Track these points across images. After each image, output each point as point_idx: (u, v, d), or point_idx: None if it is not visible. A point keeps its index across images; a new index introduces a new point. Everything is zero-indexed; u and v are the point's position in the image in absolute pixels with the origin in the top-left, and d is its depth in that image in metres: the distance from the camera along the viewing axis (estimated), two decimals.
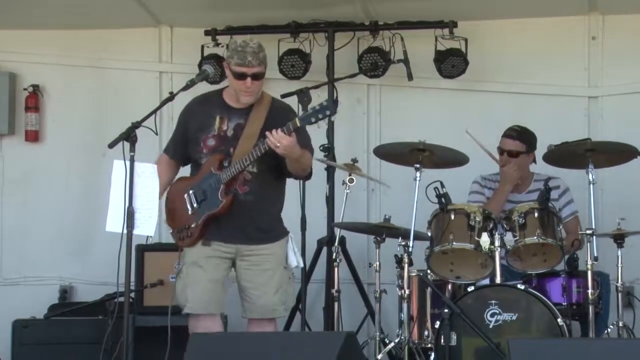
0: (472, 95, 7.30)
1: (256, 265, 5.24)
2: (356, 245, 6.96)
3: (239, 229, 5.23)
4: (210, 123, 5.29)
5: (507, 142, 6.40)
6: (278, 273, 5.26)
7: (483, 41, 7.17)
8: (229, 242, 5.25)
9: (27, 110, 7.57)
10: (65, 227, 7.51)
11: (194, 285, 5.24)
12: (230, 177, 5.17)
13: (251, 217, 5.23)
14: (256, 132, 5.18)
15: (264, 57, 5.26)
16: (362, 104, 7.45)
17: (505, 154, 6.37)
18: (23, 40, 7.59)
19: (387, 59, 7.08)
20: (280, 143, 5.03)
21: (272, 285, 5.23)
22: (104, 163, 6.58)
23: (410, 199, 5.71)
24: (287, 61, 7.20)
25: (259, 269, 5.24)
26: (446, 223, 5.75)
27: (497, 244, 5.69)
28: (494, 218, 5.81)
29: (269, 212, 5.30)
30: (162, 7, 7.25)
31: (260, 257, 5.24)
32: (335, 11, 7.08)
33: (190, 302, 5.26)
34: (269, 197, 5.30)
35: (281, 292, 5.26)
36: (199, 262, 5.25)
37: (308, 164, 5.31)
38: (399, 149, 5.98)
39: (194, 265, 5.26)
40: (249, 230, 5.24)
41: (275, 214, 5.36)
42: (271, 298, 5.23)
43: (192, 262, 5.27)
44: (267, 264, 5.24)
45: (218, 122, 5.29)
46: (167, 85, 7.47)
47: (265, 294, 5.23)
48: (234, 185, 5.19)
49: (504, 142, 6.42)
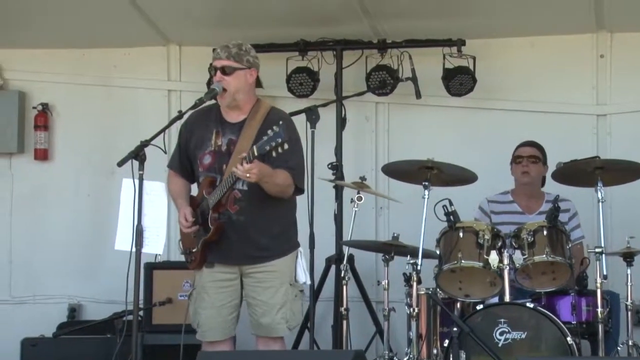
0: (480, 113, 7.30)
1: (260, 282, 5.20)
2: (365, 263, 6.94)
3: (237, 250, 5.18)
4: (208, 138, 5.24)
5: (525, 149, 6.43)
6: (282, 290, 5.20)
7: (491, 59, 7.17)
8: (230, 263, 5.22)
9: (37, 129, 7.59)
10: (74, 246, 7.51)
11: (202, 311, 5.25)
12: (215, 202, 5.13)
13: (247, 237, 5.16)
14: (246, 149, 5.06)
15: (238, 54, 5.14)
16: (370, 122, 7.46)
17: (525, 160, 6.37)
18: (32, 59, 7.63)
19: (395, 76, 7.08)
20: (251, 173, 4.90)
21: (274, 303, 5.18)
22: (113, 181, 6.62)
23: (418, 217, 5.70)
24: (295, 79, 7.21)
25: (262, 286, 5.19)
26: (455, 241, 5.73)
27: (506, 262, 5.67)
28: (503, 236, 5.79)
29: (267, 229, 5.20)
30: (171, 25, 7.28)
31: (264, 274, 5.20)
32: (344, 29, 7.10)
33: (200, 329, 5.27)
34: (264, 214, 5.18)
35: (285, 310, 5.20)
36: (205, 287, 5.24)
37: (282, 184, 5.10)
38: (407, 166, 5.98)
39: (202, 290, 5.26)
40: (248, 250, 5.18)
41: (278, 229, 5.24)
42: (274, 316, 5.18)
43: (200, 287, 5.27)
44: (270, 281, 5.19)
45: (214, 136, 5.24)
46: (176, 103, 7.48)
47: (268, 312, 5.18)
48: (224, 207, 5.14)
49: (521, 150, 6.44)
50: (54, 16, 6.99)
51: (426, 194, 5.71)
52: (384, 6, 6.81)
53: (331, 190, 6.83)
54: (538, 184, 6.46)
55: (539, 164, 6.41)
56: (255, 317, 5.22)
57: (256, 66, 5.25)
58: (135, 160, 4.95)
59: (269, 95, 7.17)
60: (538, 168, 6.41)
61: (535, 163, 6.40)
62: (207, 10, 6.96)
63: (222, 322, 5.24)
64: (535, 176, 6.41)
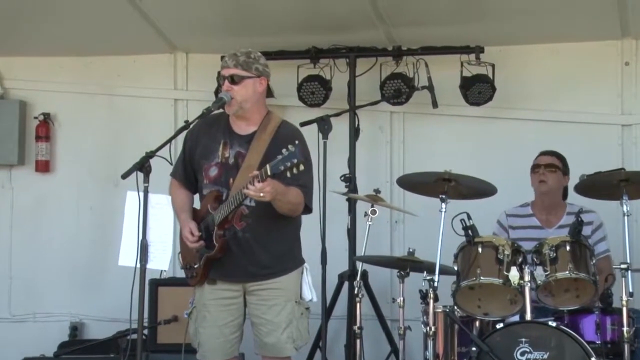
0: (500, 123, 7.29)
1: (264, 300, 5.18)
2: (379, 280, 6.93)
3: (240, 268, 5.16)
4: (214, 149, 5.23)
5: (543, 157, 6.43)
6: (287, 308, 5.18)
7: (511, 67, 7.17)
8: (233, 281, 5.20)
9: (38, 140, 7.62)
10: (76, 261, 7.52)
11: (203, 330, 5.23)
12: (221, 219, 5.12)
13: (251, 255, 5.15)
14: (255, 164, 5.07)
15: (246, 62, 5.15)
16: (384, 132, 7.46)
17: (542, 168, 6.36)
18: (34, 68, 7.66)
19: (410, 85, 7.08)
20: (265, 192, 4.88)
21: (280, 322, 5.16)
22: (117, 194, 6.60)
23: (435, 231, 5.68)
24: (306, 88, 7.22)
25: (267, 304, 5.17)
26: (473, 257, 5.72)
27: (527, 278, 5.65)
28: (524, 252, 5.77)
29: (272, 247, 5.19)
30: (178, 32, 7.30)
31: (268, 291, 5.18)
32: (357, 36, 7.10)
33: (201, 348, 5.26)
34: (270, 231, 5.17)
35: (291, 329, 5.18)
36: (206, 306, 5.23)
37: (294, 202, 5.11)
38: (424, 179, 5.97)
39: (203, 308, 5.24)
40: (251, 268, 5.17)
41: (283, 247, 5.23)
42: (279, 336, 5.15)
43: (202, 305, 5.25)
44: (275, 299, 5.17)
45: (222, 148, 5.24)
46: (183, 113, 7.50)
47: (274, 331, 5.16)
48: (230, 223, 5.13)
49: (539, 159, 6.43)
50: (56, 23, 7.01)
51: (443, 208, 5.70)
52: (399, 12, 6.81)
53: (344, 204, 6.82)
54: (557, 195, 6.43)
55: (557, 174, 6.39)
56: (260, 337, 5.20)
57: (266, 75, 5.24)
58: (140, 172, 4.95)
59: (279, 104, 7.19)
60: (556, 177, 6.39)
61: (553, 172, 6.38)
62: (216, 17, 6.97)
63: (224, 342, 5.22)
64: (553, 186, 6.39)
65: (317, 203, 5.66)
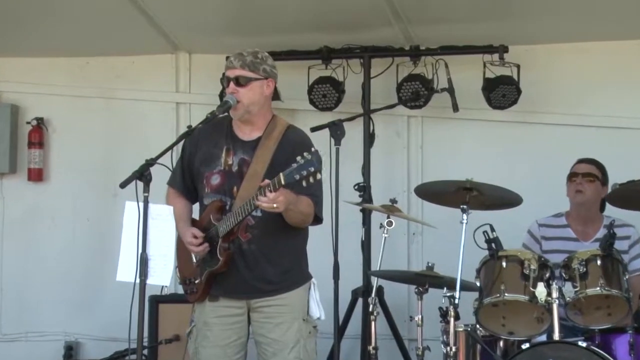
0: (525, 127, 7.29)
1: (270, 318, 5.16)
2: (395, 296, 6.94)
3: (244, 283, 5.15)
4: (217, 155, 5.23)
5: (581, 166, 6.40)
6: (295, 327, 5.16)
7: (537, 67, 7.17)
8: (236, 297, 5.19)
9: (30, 146, 7.65)
10: (71, 276, 7.54)
11: (204, 350, 5.21)
12: (227, 232, 5.11)
13: (257, 268, 5.15)
14: (261, 172, 5.07)
15: (253, 62, 5.13)
16: (401, 138, 7.47)
17: (579, 177, 6.35)
18: (27, 69, 7.69)
19: (429, 87, 7.09)
20: (278, 202, 4.86)
21: (287, 341, 5.14)
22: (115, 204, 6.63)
23: (456, 244, 5.68)
24: (318, 90, 7.23)
25: (273, 322, 5.15)
26: (497, 272, 5.71)
27: (555, 295, 5.64)
28: (552, 266, 5.77)
29: (279, 261, 5.18)
30: (180, 31, 7.32)
31: (273, 308, 5.16)
32: (372, 35, 7.12)
33: None
34: (277, 244, 5.17)
35: (298, 349, 5.15)
36: (208, 324, 5.21)
37: (306, 212, 5.09)
38: (444, 188, 5.97)
39: (204, 326, 5.22)
40: (256, 283, 5.16)
41: (289, 261, 5.22)
42: (286, 356, 5.13)
43: (202, 323, 5.24)
44: (281, 317, 5.16)
45: (224, 154, 5.23)
46: (185, 117, 7.52)
47: (280, 351, 5.13)
48: (234, 235, 5.13)
49: (577, 167, 6.41)
50: (50, 21, 7.05)
51: (465, 219, 5.70)
52: (418, 8, 6.82)
53: (358, 215, 6.83)
54: (595, 207, 6.41)
55: (595, 184, 6.37)
56: (265, 357, 5.19)
57: (274, 76, 5.25)
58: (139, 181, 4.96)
59: (288, 108, 7.20)
60: (595, 188, 6.36)
61: (591, 182, 6.35)
62: (220, 14, 7.00)
63: None
64: (591, 197, 6.37)
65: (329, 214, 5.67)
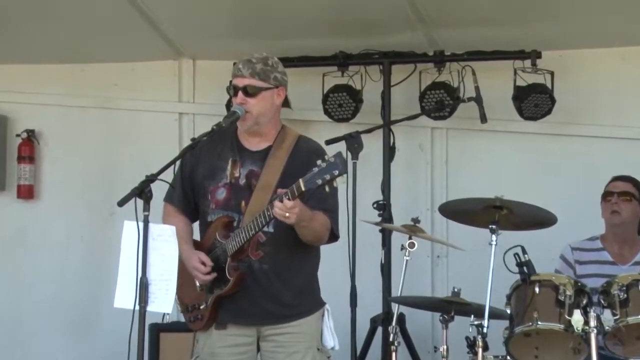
0: (560, 140, 7.28)
1: (282, 347, 5.15)
2: (418, 325, 6.94)
3: (256, 307, 5.14)
4: (221, 168, 5.22)
5: (617, 184, 6.43)
6: (309, 356, 5.15)
7: (573, 75, 7.17)
8: (246, 324, 5.18)
9: (20, 161, 7.66)
10: (64, 302, 7.55)
11: None
12: (237, 249, 5.11)
13: (270, 291, 5.14)
14: (272, 183, 5.07)
15: (263, 70, 5.13)
16: (425, 152, 7.47)
17: (615, 196, 6.36)
18: (16, 77, 7.71)
19: (455, 96, 7.09)
20: (291, 212, 4.85)
21: None
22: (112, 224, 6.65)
23: (484, 267, 5.67)
24: (333, 99, 7.24)
25: (285, 352, 5.14)
26: (529, 298, 5.70)
27: (592, 323, 5.62)
28: (589, 292, 5.76)
29: (293, 281, 5.18)
30: (183, 35, 7.34)
31: (286, 336, 5.15)
32: (392, 39, 7.12)
33: None
34: (292, 262, 5.16)
35: None
36: (215, 355, 5.20)
37: (322, 230, 5.10)
38: (471, 206, 5.96)
39: (210, 357, 5.21)
40: (269, 307, 5.15)
41: (304, 282, 5.22)
42: None
43: (208, 354, 5.23)
44: (294, 346, 5.14)
45: (230, 166, 5.22)
46: (189, 129, 7.54)
47: None
48: (244, 253, 5.13)
49: (612, 185, 6.45)
50: (42, 25, 7.06)
51: (494, 240, 5.69)
52: (442, 10, 6.82)
53: (377, 235, 6.82)
54: (632, 228, 6.44)
55: (633, 203, 6.40)
56: None
57: (285, 84, 5.25)
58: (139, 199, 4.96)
59: (301, 119, 7.22)
60: (632, 208, 6.39)
61: (628, 201, 6.38)
62: (227, 16, 7.01)
63: None
64: (628, 217, 6.39)
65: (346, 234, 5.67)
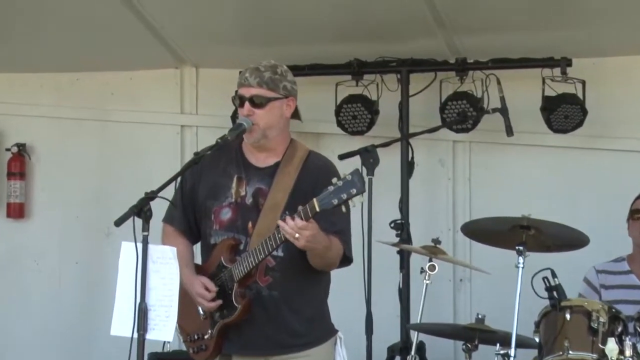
0: (592, 155, 7.27)
1: None
2: (439, 354, 6.91)
3: (264, 336, 5.12)
4: (226, 186, 5.19)
5: None
6: None
7: (606, 84, 7.17)
8: (254, 353, 5.16)
9: (10, 177, 7.68)
10: (57, 329, 7.55)
11: None
12: (244, 274, 5.09)
13: (278, 319, 5.12)
14: (282, 202, 5.05)
15: (272, 79, 5.10)
16: (446, 167, 7.46)
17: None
18: (6, 86, 7.73)
19: (478, 107, 7.08)
20: (301, 234, 4.83)
21: None
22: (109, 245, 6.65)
23: (510, 292, 5.66)
24: (347, 111, 7.23)
25: None
26: (560, 325, 5.69)
27: (628, 353, 5.61)
28: (624, 318, 5.74)
29: (302, 309, 5.16)
30: (186, 42, 7.35)
31: None
32: (411, 46, 7.12)
33: None
34: (302, 289, 5.15)
35: None
36: None
37: (335, 258, 5.07)
38: (496, 225, 5.96)
39: None
40: (279, 336, 5.13)
41: (314, 309, 5.21)
42: None
43: None
44: None
45: (236, 184, 5.20)
46: (191, 143, 7.55)
47: None
48: (252, 279, 5.11)
49: (638, 203, 6.47)
50: (35, 31, 7.08)
51: (521, 262, 5.69)
52: (465, 15, 6.82)
53: (394, 257, 6.81)
54: None
55: None
56: None
57: (295, 94, 5.24)
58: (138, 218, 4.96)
59: (313, 132, 7.22)
60: None
61: None
62: (232, 22, 7.02)
63: None
64: None
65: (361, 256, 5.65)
